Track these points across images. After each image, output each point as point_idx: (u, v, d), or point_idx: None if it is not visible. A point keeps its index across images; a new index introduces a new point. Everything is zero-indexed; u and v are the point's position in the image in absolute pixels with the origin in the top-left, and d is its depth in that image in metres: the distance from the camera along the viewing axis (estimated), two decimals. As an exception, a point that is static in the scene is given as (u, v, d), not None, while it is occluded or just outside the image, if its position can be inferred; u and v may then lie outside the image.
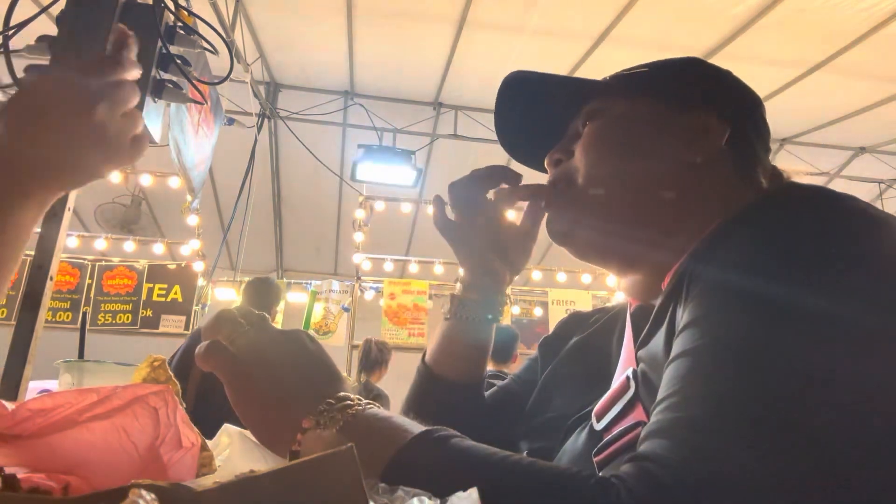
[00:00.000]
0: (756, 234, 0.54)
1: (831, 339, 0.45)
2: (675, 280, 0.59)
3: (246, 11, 4.69)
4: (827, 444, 0.42)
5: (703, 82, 0.75)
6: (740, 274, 0.51)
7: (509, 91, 0.80)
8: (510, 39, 4.81)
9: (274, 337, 0.56)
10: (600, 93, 0.76)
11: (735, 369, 0.46)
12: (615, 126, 0.73)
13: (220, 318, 0.57)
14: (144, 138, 0.78)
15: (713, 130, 0.70)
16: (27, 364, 1.20)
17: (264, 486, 0.30)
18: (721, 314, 0.50)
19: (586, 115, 0.75)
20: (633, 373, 0.63)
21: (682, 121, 0.71)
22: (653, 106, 0.73)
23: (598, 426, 0.64)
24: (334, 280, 6.22)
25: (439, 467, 0.47)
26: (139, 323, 5.73)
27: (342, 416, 0.50)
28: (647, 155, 0.71)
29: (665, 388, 0.49)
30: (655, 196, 0.69)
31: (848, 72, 4.77)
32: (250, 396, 0.54)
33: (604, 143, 0.73)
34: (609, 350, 0.78)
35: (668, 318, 0.58)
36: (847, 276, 0.48)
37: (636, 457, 0.45)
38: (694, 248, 0.60)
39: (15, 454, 0.44)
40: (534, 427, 0.77)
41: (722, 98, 0.73)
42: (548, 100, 0.79)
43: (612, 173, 0.71)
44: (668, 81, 0.75)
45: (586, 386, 0.74)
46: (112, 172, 0.74)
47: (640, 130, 0.72)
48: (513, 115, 0.82)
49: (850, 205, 0.52)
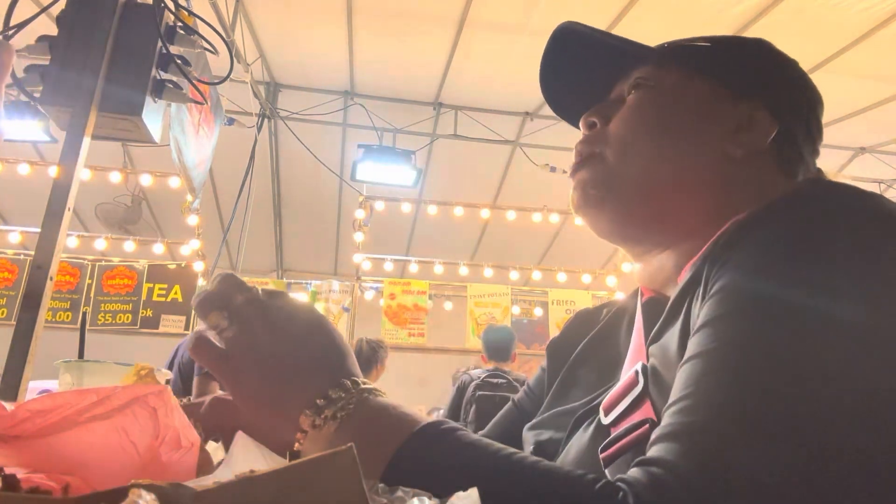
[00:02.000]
0: (781, 231, 0.51)
1: (851, 349, 0.44)
2: (693, 272, 0.57)
3: (246, 11, 4.69)
4: (844, 459, 0.41)
5: (765, 71, 0.71)
6: (761, 274, 0.49)
7: (559, 40, 0.75)
8: (510, 39, 4.81)
9: (265, 322, 0.52)
10: (654, 60, 0.71)
11: (751, 376, 0.44)
12: (660, 102, 0.69)
13: (203, 304, 0.53)
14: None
15: (761, 126, 0.66)
16: (27, 364, 1.20)
17: (264, 486, 0.30)
18: (740, 316, 0.48)
19: (634, 82, 0.71)
20: (642, 367, 0.60)
21: (731, 110, 0.67)
22: (704, 86, 0.69)
23: (606, 420, 0.62)
24: (334, 280, 6.21)
25: (440, 465, 0.46)
26: (139, 323, 5.73)
27: (340, 413, 0.49)
28: (685, 139, 0.67)
29: (678, 390, 0.47)
30: (685, 184, 0.66)
31: (848, 72, 4.77)
32: (241, 396, 0.52)
33: (644, 119, 0.68)
34: (617, 342, 0.75)
35: (684, 313, 0.56)
36: (871, 282, 0.46)
37: (645, 461, 0.44)
38: (715, 239, 0.57)
39: (15, 454, 0.44)
40: (542, 419, 0.74)
41: (779, 92, 0.69)
42: (598, 57, 0.74)
43: (646, 152, 0.67)
44: (726, 63, 0.70)
45: (598, 380, 0.71)
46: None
47: (685, 112, 0.68)
48: (559, 65, 0.77)
49: (880, 206, 0.50)
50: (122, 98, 1.34)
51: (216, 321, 0.53)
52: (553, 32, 0.75)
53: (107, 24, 1.34)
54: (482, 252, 7.29)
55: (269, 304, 0.54)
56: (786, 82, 0.71)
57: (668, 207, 0.66)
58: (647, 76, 0.70)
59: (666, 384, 0.54)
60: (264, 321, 0.53)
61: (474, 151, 6.00)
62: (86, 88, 1.30)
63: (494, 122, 5.85)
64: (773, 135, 0.66)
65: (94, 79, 1.31)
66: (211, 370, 0.53)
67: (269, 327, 0.52)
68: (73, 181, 1.30)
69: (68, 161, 1.31)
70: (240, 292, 0.53)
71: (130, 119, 1.36)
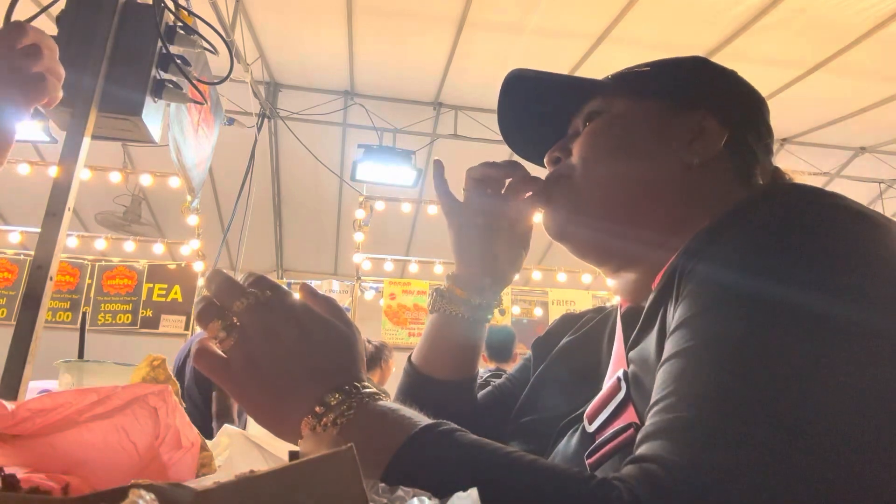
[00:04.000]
0: (746, 231, 0.53)
1: (825, 338, 0.45)
2: (665, 279, 0.59)
3: (246, 11, 4.69)
4: (829, 443, 0.42)
5: (705, 83, 0.75)
6: (731, 272, 0.51)
7: (511, 89, 0.80)
8: (510, 39, 4.81)
9: (264, 330, 0.52)
10: (602, 92, 0.76)
11: (731, 369, 0.46)
12: (613, 126, 0.73)
13: (203, 314, 0.53)
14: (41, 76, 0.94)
15: (712, 133, 0.70)
16: (27, 364, 1.20)
17: (264, 486, 0.30)
18: (714, 313, 0.49)
19: (587, 115, 0.75)
20: (623, 374, 0.62)
21: (682, 122, 0.71)
22: (653, 106, 0.73)
23: (590, 428, 0.64)
24: (334, 280, 6.22)
25: (440, 466, 0.46)
26: (139, 323, 5.73)
27: (340, 419, 0.49)
28: (643, 156, 0.71)
29: (660, 389, 0.49)
30: (651, 197, 0.69)
31: (848, 72, 4.77)
32: (244, 403, 0.53)
33: (601, 143, 0.73)
34: (599, 351, 0.77)
35: (660, 319, 0.57)
36: (838, 273, 0.48)
37: (637, 458, 0.45)
38: (685, 247, 0.59)
39: (15, 454, 0.44)
40: (522, 428, 0.77)
41: (723, 100, 0.73)
42: (549, 98, 0.79)
43: (607, 173, 0.71)
44: (669, 81, 0.75)
45: (573, 388, 0.74)
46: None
47: (638, 131, 0.72)
48: (514, 113, 0.83)
49: (840, 202, 0.52)
50: (122, 98, 1.34)
51: (216, 331, 0.53)
52: (504, 81, 0.80)
53: (107, 24, 1.34)
54: (482, 252, 7.26)
55: (268, 311, 0.53)
56: (727, 91, 0.75)
57: (637, 221, 0.70)
58: (599, 107, 0.75)
59: (647, 388, 0.55)
60: (263, 329, 0.52)
61: (474, 151, 6.00)
62: (86, 88, 1.30)
63: (494, 122, 5.81)
64: (725, 140, 0.70)
65: (94, 79, 1.31)
66: (213, 379, 0.53)
67: (267, 335, 0.52)
68: (73, 181, 1.30)
69: (68, 161, 1.31)
70: (238, 298, 0.53)
71: (130, 119, 1.36)
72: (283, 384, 0.51)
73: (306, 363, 0.52)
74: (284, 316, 0.53)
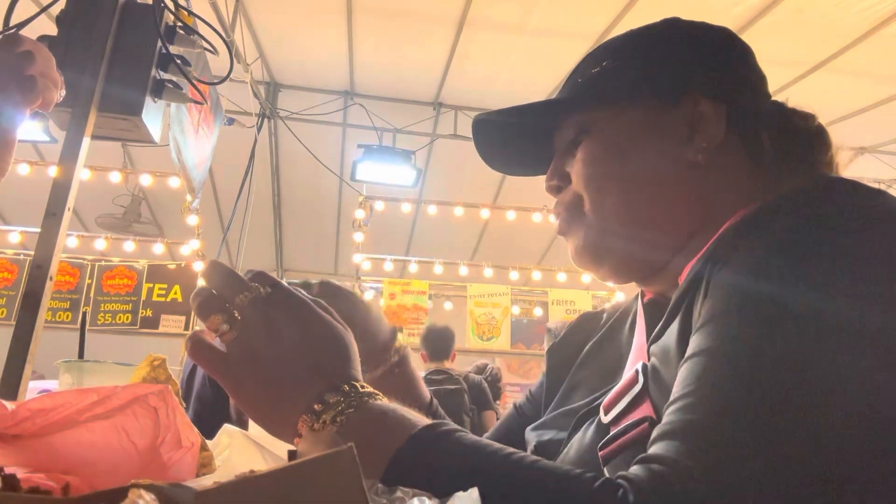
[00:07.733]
0: (778, 233, 0.51)
1: (849, 348, 0.44)
2: (693, 274, 0.57)
3: (246, 11, 4.69)
4: (841, 456, 0.41)
5: (682, 63, 0.69)
6: (761, 274, 0.49)
7: (481, 128, 0.78)
8: (510, 39, 4.80)
9: (265, 326, 0.52)
10: (577, 106, 0.72)
11: (752, 374, 0.45)
12: (606, 145, 0.68)
13: (203, 306, 0.52)
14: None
15: (710, 117, 0.65)
16: (27, 364, 1.20)
17: (264, 486, 0.30)
18: (740, 314, 0.48)
19: (572, 137, 0.71)
20: (642, 367, 0.61)
21: (673, 118, 0.66)
22: (637, 113, 0.68)
23: (606, 419, 0.62)
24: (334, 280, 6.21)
25: (440, 466, 0.46)
26: (139, 323, 5.72)
27: (338, 417, 0.49)
28: (645, 167, 0.67)
29: (679, 388, 0.48)
30: (666, 210, 0.66)
31: (848, 72, 4.76)
32: (241, 400, 0.52)
33: (600, 174, 0.68)
34: (620, 343, 0.75)
35: (683, 312, 0.56)
36: (869, 281, 0.46)
37: (646, 458, 0.44)
38: (713, 244, 0.57)
39: (15, 454, 0.44)
40: (545, 420, 0.74)
41: (708, 68, 0.68)
42: (524, 125, 0.77)
43: (617, 202, 0.67)
44: (644, 76, 0.69)
45: (600, 382, 0.72)
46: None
47: (633, 143, 0.68)
48: (491, 143, 0.81)
49: (879, 203, 0.50)
50: (122, 98, 1.34)
51: (216, 325, 0.52)
52: (472, 127, 0.78)
53: (106, 24, 1.34)
54: (482, 252, 7.28)
55: (271, 306, 0.53)
56: (708, 55, 0.70)
57: (657, 235, 0.67)
58: (580, 126, 0.70)
59: (666, 383, 0.54)
60: (265, 324, 0.52)
61: (474, 151, 5.96)
62: (85, 88, 1.30)
63: (494, 122, 5.83)
64: (726, 116, 0.65)
65: (94, 79, 1.31)
66: (209, 373, 0.53)
67: (268, 331, 0.52)
68: (73, 181, 1.30)
69: (68, 161, 1.31)
70: (241, 292, 0.53)
71: (130, 119, 1.36)
72: (283, 380, 0.51)
73: (307, 360, 0.52)
74: (287, 312, 0.53)
